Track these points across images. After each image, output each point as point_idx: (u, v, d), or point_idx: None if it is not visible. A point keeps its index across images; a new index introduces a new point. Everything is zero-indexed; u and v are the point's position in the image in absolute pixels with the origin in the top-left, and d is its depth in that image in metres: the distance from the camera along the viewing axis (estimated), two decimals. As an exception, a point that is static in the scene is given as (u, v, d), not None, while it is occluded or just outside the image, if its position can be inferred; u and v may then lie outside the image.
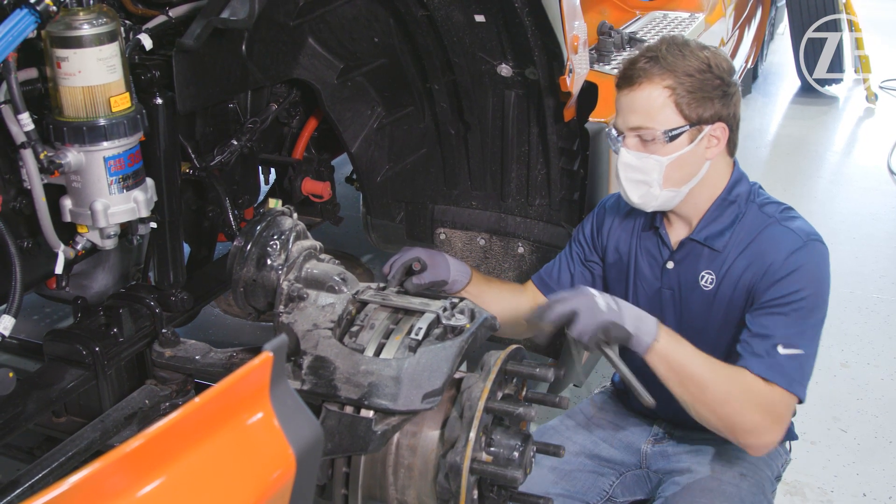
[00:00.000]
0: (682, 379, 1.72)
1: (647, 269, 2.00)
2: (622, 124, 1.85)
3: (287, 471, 1.07)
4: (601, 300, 1.68)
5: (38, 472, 1.63)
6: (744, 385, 1.74)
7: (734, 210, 1.88)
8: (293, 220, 1.82)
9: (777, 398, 1.74)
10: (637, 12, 3.84)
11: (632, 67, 1.82)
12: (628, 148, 1.84)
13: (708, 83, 1.78)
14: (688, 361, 1.72)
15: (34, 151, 1.53)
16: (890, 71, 7.65)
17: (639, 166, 1.83)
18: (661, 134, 1.79)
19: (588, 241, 2.13)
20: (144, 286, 2.00)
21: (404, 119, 2.70)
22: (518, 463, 1.61)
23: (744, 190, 1.90)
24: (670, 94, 1.77)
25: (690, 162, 1.82)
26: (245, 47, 2.04)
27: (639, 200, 1.87)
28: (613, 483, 2.09)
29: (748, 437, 1.75)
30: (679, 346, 1.73)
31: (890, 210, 5.22)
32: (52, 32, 1.50)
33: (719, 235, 1.88)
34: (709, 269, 1.90)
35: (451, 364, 1.60)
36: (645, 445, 2.11)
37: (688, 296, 1.94)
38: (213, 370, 1.85)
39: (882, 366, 3.52)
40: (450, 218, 2.76)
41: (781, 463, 2.07)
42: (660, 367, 1.72)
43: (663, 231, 1.96)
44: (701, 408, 1.74)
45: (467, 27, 2.22)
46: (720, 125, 1.82)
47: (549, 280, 2.16)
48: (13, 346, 2.08)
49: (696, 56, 1.79)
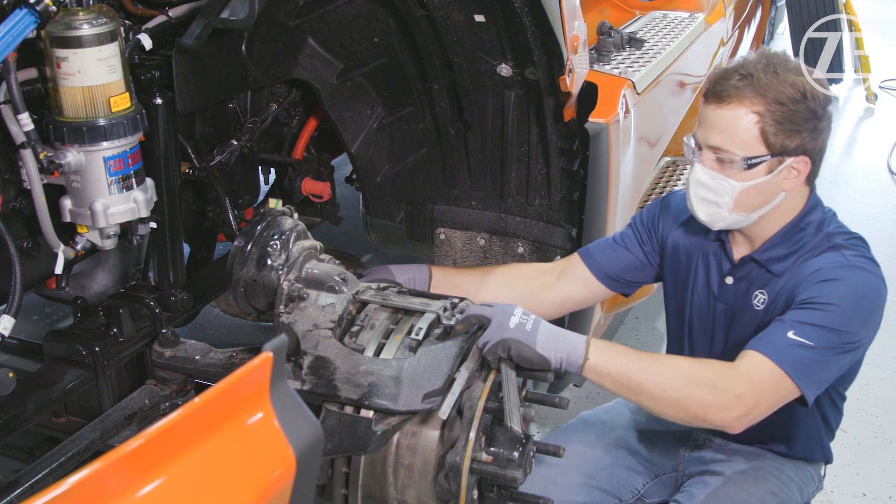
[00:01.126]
0: (631, 387, 1.64)
1: (705, 278, 1.95)
2: (702, 139, 1.77)
3: (287, 471, 1.07)
4: (515, 319, 1.62)
5: (38, 473, 1.63)
6: (710, 365, 1.69)
7: (802, 238, 1.81)
8: (293, 220, 1.82)
9: (764, 370, 1.64)
10: (637, 12, 3.83)
11: (723, 83, 1.73)
12: (703, 165, 1.77)
13: (799, 115, 1.70)
14: (630, 368, 1.64)
15: (34, 151, 1.53)
16: (890, 71, 7.64)
17: (711, 186, 1.76)
18: (741, 160, 1.71)
19: (647, 225, 2.07)
20: (144, 286, 2.00)
21: (404, 119, 2.70)
22: (518, 463, 1.61)
23: (816, 218, 1.82)
24: (758, 119, 1.69)
25: (765, 190, 1.75)
26: (245, 47, 2.04)
27: (706, 219, 1.81)
28: (647, 483, 2.08)
29: (721, 414, 1.62)
30: (615, 355, 1.65)
31: (890, 210, 5.22)
32: (51, 32, 1.50)
33: (781, 260, 1.82)
34: (763, 289, 1.85)
35: (451, 364, 1.60)
36: (684, 450, 2.09)
37: (740, 313, 1.89)
38: (213, 370, 1.85)
39: (882, 366, 3.52)
40: (450, 218, 2.76)
41: (813, 489, 2.02)
42: (604, 381, 1.65)
43: (728, 246, 1.91)
44: (664, 408, 1.66)
45: (467, 27, 2.22)
46: (803, 159, 1.74)
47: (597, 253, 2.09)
48: (13, 346, 2.08)
49: (792, 82, 1.70)
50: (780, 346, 1.66)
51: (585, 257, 2.11)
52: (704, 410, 1.63)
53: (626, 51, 3.07)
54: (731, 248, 1.91)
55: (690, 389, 1.64)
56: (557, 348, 1.62)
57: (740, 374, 1.65)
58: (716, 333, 1.96)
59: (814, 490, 2.03)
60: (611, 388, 1.66)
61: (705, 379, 1.65)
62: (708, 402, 1.63)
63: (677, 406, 1.64)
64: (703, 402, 1.63)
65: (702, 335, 1.99)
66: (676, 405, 1.64)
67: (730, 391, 1.63)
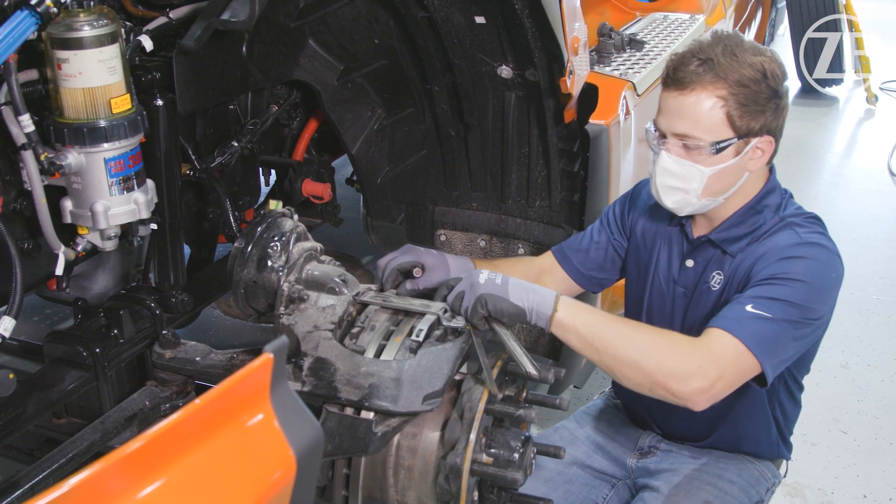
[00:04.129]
0: (594, 344, 1.63)
1: (666, 262, 1.96)
2: (667, 127, 1.76)
3: (287, 472, 1.07)
4: (482, 276, 1.64)
5: (38, 474, 1.63)
6: (674, 336, 1.68)
7: (758, 220, 1.82)
8: (294, 221, 1.82)
9: (725, 345, 1.62)
10: (637, 14, 3.83)
11: (683, 69, 1.72)
12: (670, 153, 1.76)
13: (762, 95, 1.70)
14: (597, 325, 1.64)
15: (35, 153, 1.53)
16: (890, 72, 7.65)
17: (679, 173, 1.76)
18: (709, 145, 1.71)
19: (617, 219, 2.08)
20: (145, 288, 2.00)
21: (404, 120, 2.70)
22: (518, 464, 1.61)
23: (773, 201, 1.83)
24: (722, 104, 1.69)
25: (732, 173, 1.76)
26: (245, 49, 2.04)
27: (673, 206, 1.81)
28: (607, 495, 2.08)
29: (682, 385, 1.60)
30: (583, 312, 1.65)
31: (890, 211, 5.22)
32: (52, 34, 1.50)
33: (735, 241, 1.82)
34: (719, 269, 1.85)
35: (451, 366, 1.60)
36: (631, 459, 2.10)
37: (697, 294, 1.90)
38: (214, 372, 1.85)
39: (882, 367, 3.52)
40: (450, 219, 2.76)
41: (767, 487, 2.00)
42: (570, 337, 1.64)
43: (688, 227, 1.92)
44: (625, 369, 1.64)
45: (467, 28, 2.22)
46: (767, 138, 1.75)
47: (571, 253, 2.10)
48: (13, 347, 2.08)
49: (751, 63, 1.70)
50: (738, 319, 1.65)
51: (561, 259, 2.12)
52: (665, 378, 1.60)
53: (627, 52, 3.08)
54: (690, 229, 1.92)
55: (654, 353, 1.62)
56: (528, 299, 1.63)
57: (702, 347, 1.63)
58: (674, 317, 1.95)
59: (769, 487, 2.01)
60: (576, 344, 1.65)
61: (669, 345, 1.64)
62: (670, 369, 1.61)
63: (638, 369, 1.62)
64: (665, 368, 1.61)
65: (660, 320, 1.98)
66: (637, 368, 1.62)
67: (692, 361, 1.61)
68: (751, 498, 1.95)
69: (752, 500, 1.96)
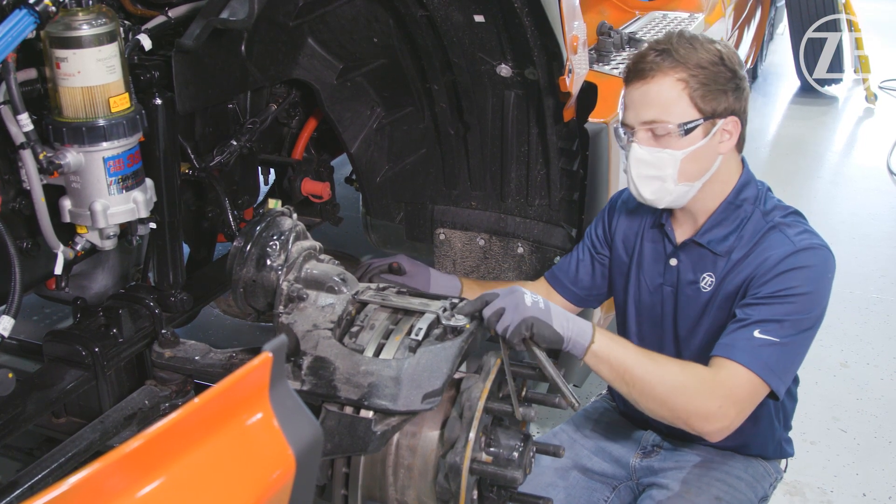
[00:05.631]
0: (625, 377, 1.70)
1: (651, 264, 1.98)
2: (633, 119, 1.81)
3: (286, 471, 1.07)
4: (528, 298, 1.66)
5: (37, 473, 1.63)
6: (696, 374, 1.72)
7: (739, 214, 1.85)
8: (293, 220, 1.82)
9: (740, 379, 1.69)
10: (636, 12, 3.84)
11: (642, 61, 1.78)
12: (640, 143, 1.80)
13: (721, 76, 1.76)
14: (629, 360, 1.70)
15: (33, 152, 1.53)
16: (889, 71, 7.66)
17: (652, 161, 1.79)
18: (676, 127, 1.75)
19: (599, 235, 2.11)
20: (144, 287, 2.00)
21: (404, 119, 2.70)
22: (518, 463, 1.62)
23: (751, 194, 1.86)
24: (684, 86, 1.74)
25: (704, 156, 1.79)
26: (244, 48, 2.04)
27: (651, 196, 1.83)
28: (609, 497, 2.08)
29: (703, 423, 1.69)
30: (617, 345, 1.71)
31: (889, 210, 5.23)
32: (51, 33, 1.50)
33: (723, 240, 1.85)
34: (710, 271, 1.87)
35: (450, 364, 1.60)
36: (634, 459, 2.10)
37: (686, 295, 1.92)
38: (213, 371, 1.85)
39: (882, 366, 3.52)
40: (449, 218, 2.76)
41: (770, 483, 2.03)
42: (601, 368, 1.70)
43: (669, 228, 1.94)
44: (650, 403, 1.71)
45: (467, 27, 2.22)
46: (733, 119, 1.79)
47: (562, 275, 2.14)
48: (13, 346, 2.08)
49: (707, 49, 1.76)
50: (749, 349, 1.71)
51: (554, 284, 2.16)
52: (688, 415, 1.69)
53: (626, 51, 3.08)
54: (672, 232, 1.94)
55: (679, 392, 1.69)
56: (569, 328, 1.67)
57: (722, 385, 1.70)
58: (664, 318, 1.97)
59: (772, 482, 2.04)
60: (606, 374, 1.71)
61: (693, 384, 1.70)
62: (694, 409, 1.69)
63: (663, 405, 1.70)
64: (689, 408, 1.69)
65: (651, 324, 2.01)
66: (663, 404, 1.70)
67: (713, 402, 1.69)
68: (757, 493, 1.97)
69: (758, 496, 1.98)
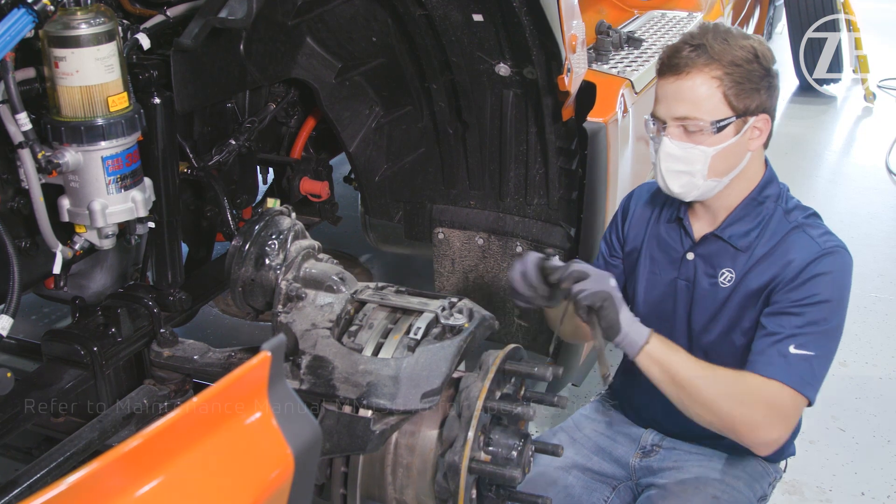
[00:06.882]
0: (675, 381, 1.73)
1: (665, 258, 1.98)
2: (665, 113, 1.80)
3: (285, 470, 1.07)
4: (613, 281, 1.72)
5: (36, 472, 1.64)
6: (744, 384, 1.74)
7: (761, 211, 1.86)
8: (291, 219, 1.82)
9: (784, 397, 1.73)
10: (635, 12, 3.84)
11: (677, 55, 1.77)
12: (672, 138, 1.80)
13: (755, 73, 1.76)
14: (681, 364, 1.73)
15: (32, 151, 1.53)
16: (888, 70, 7.65)
17: (682, 157, 1.79)
18: (709, 125, 1.75)
19: (613, 241, 2.11)
20: (143, 286, 2.00)
21: (402, 118, 2.70)
22: (517, 462, 1.61)
23: (773, 192, 1.87)
24: (718, 84, 1.74)
25: (735, 153, 1.80)
26: (243, 47, 2.04)
27: (679, 190, 1.84)
28: (608, 497, 2.07)
29: (750, 434, 1.73)
30: (671, 351, 1.75)
31: (888, 209, 5.23)
32: (49, 32, 1.50)
33: (744, 235, 1.86)
34: (730, 266, 1.87)
35: (449, 363, 1.60)
36: (634, 459, 2.09)
37: (702, 290, 1.91)
38: (212, 370, 1.85)
39: (880, 365, 3.52)
40: (448, 217, 2.76)
41: (769, 482, 2.03)
42: (652, 369, 1.73)
43: (687, 222, 1.94)
44: (698, 408, 1.74)
45: (465, 26, 2.22)
46: (764, 117, 1.80)
47: None
48: (11, 346, 2.08)
49: (742, 45, 1.76)
50: (786, 367, 1.73)
51: None
52: (735, 424, 1.73)
53: (625, 50, 3.08)
54: (690, 226, 1.94)
55: (727, 400, 1.73)
56: (629, 324, 1.71)
57: (767, 401, 1.73)
58: (677, 313, 1.97)
59: (771, 482, 2.04)
60: (656, 376, 1.74)
61: (741, 394, 1.73)
62: (740, 415, 1.72)
63: (712, 412, 1.73)
64: (736, 416, 1.73)
65: (659, 318, 1.99)
66: (711, 411, 1.73)
67: (759, 413, 1.73)
68: (755, 493, 1.97)
69: (756, 495, 1.97)
